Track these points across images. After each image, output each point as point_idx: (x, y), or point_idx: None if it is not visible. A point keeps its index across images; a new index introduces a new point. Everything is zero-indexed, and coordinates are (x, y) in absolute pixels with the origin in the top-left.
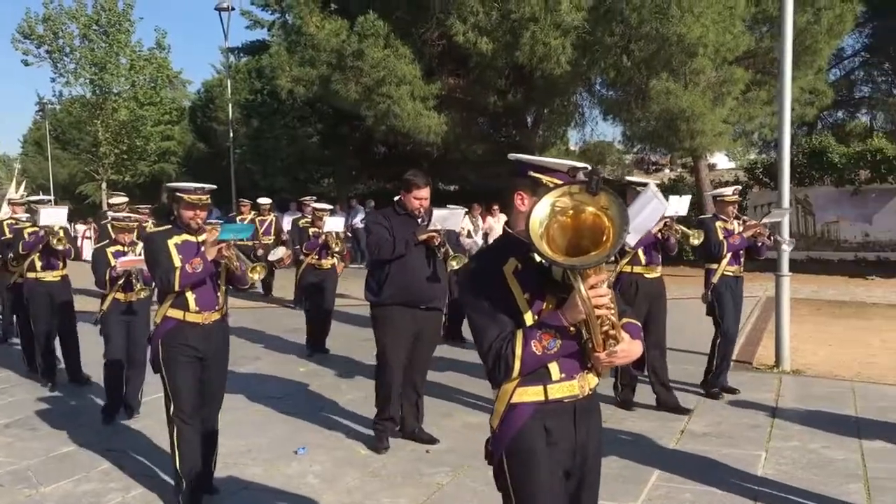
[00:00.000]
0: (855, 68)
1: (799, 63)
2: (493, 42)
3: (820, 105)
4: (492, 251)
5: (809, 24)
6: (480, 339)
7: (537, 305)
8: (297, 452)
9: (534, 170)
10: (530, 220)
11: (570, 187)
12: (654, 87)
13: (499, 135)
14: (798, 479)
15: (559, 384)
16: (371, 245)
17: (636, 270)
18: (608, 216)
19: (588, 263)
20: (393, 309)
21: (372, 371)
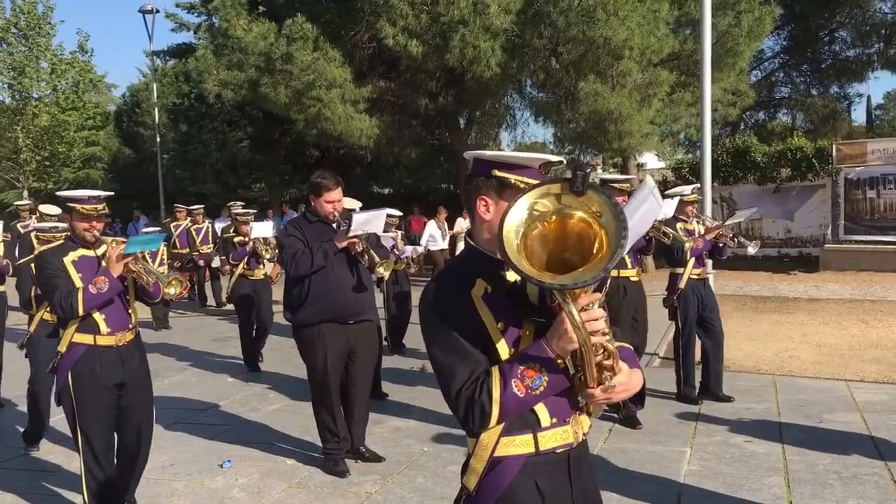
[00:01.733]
0: (775, 70)
1: (721, 65)
2: (423, 45)
3: (742, 105)
4: (454, 271)
5: (731, 27)
6: (447, 382)
7: (513, 334)
8: (222, 466)
9: (499, 168)
10: (503, 229)
11: (549, 186)
12: (583, 88)
13: (431, 137)
14: (721, 474)
15: (551, 431)
16: (286, 260)
17: (623, 274)
18: (599, 223)
19: (582, 282)
20: (321, 328)
21: (302, 382)
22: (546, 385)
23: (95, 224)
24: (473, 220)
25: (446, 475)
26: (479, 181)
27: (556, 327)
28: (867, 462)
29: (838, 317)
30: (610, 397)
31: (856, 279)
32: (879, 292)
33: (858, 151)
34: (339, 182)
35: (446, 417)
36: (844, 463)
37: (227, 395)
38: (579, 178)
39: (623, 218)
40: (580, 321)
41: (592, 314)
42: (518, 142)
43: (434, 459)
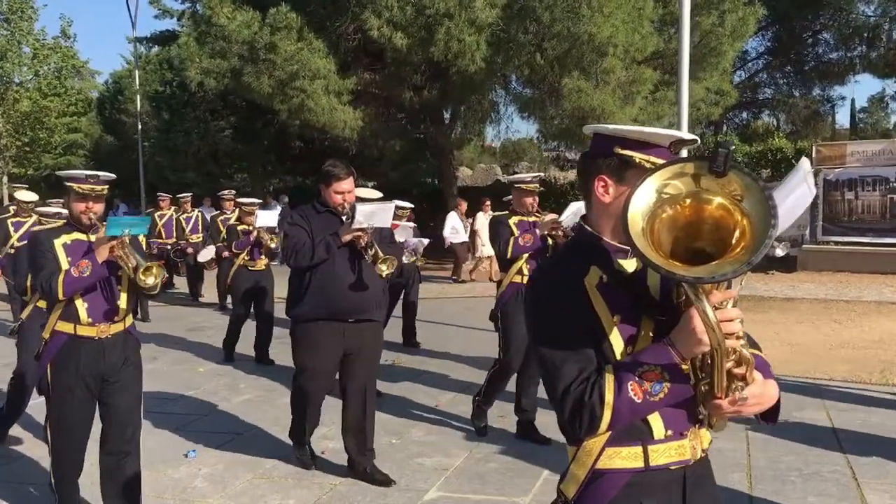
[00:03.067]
0: (758, 70)
1: (705, 64)
2: (408, 37)
3: (725, 105)
4: (566, 257)
5: (714, 27)
6: (553, 379)
7: (628, 330)
8: (186, 456)
9: (622, 145)
10: (628, 213)
11: (682, 165)
12: (567, 85)
13: (416, 131)
14: None
15: (664, 445)
16: (288, 250)
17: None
18: (741, 209)
19: (721, 276)
20: (316, 325)
21: (275, 371)
22: (667, 392)
23: (92, 205)
24: (589, 201)
25: (412, 467)
26: (598, 160)
27: (684, 327)
28: (830, 460)
29: (812, 316)
30: (739, 410)
31: (832, 279)
32: (854, 293)
33: (838, 153)
34: (351, 171)
35: (413, 410)
36: (807, 460)
37: (196, 385)
38: (721, 157)
39: (773, 204)
40: (714, 321)
41: (727, 314)
42: (502, 137)
43: (401, 451)
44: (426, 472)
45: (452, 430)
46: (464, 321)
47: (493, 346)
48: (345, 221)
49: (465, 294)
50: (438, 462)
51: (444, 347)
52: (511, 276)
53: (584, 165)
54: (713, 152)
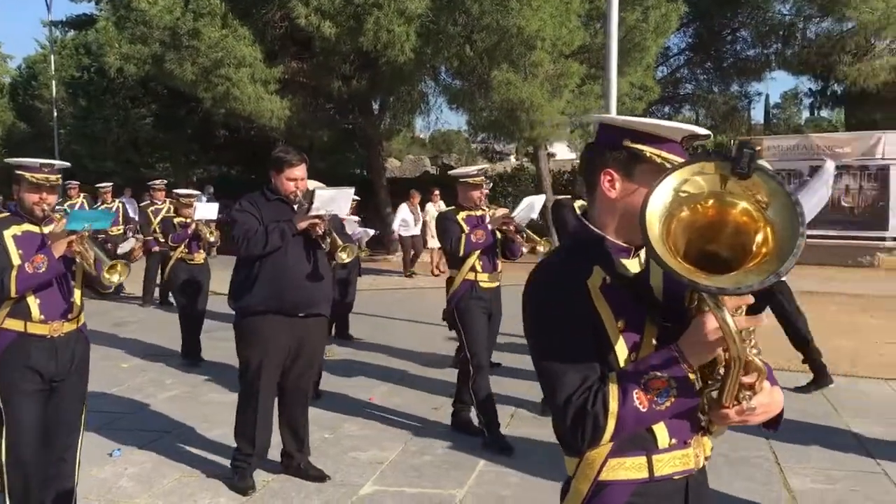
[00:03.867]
0: (680, 66)
1: (629, 59)
2: (336, 26)
3: (649, 100)
4: (567, 257)
5: (638, 22)
6: (554, 388)
7: (632, 336)
8: (111, 455)
9: (632, 138)
10: (646, 215)
11: (703, 164)
12: (496, 77)
13: (344, 121)
14: None
15: (669, 454)
16: (237, 238)
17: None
18: (765, 216)
19: (747, 287)
20: (265, 319)
21: (203, 367)
22: (673, 401)
23: (46, 196)
24: (593, 195)
25: (347, 461)
26: (606, 153)
27: (694, 334)
28: (756, 446)
29: None
30: (747, 420)
31: None
32: None
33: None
34: (304, 158)
35: (346, 404)
36: (734, 446)
37: (120, 382)
38: (745, 158)
39: (801, 211)
40: (735, 330)
41: (741, 322)
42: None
43: (335, 446)
44: (361, 467)
45: (387, 424)
46: (397, 313)
47: (428, 337)
48: (297, 209)
49: (397, 286)
50: (373, 456)
51: (376, 340)
52: (464, 274)
53: (590, 157)
54: (737, 152)
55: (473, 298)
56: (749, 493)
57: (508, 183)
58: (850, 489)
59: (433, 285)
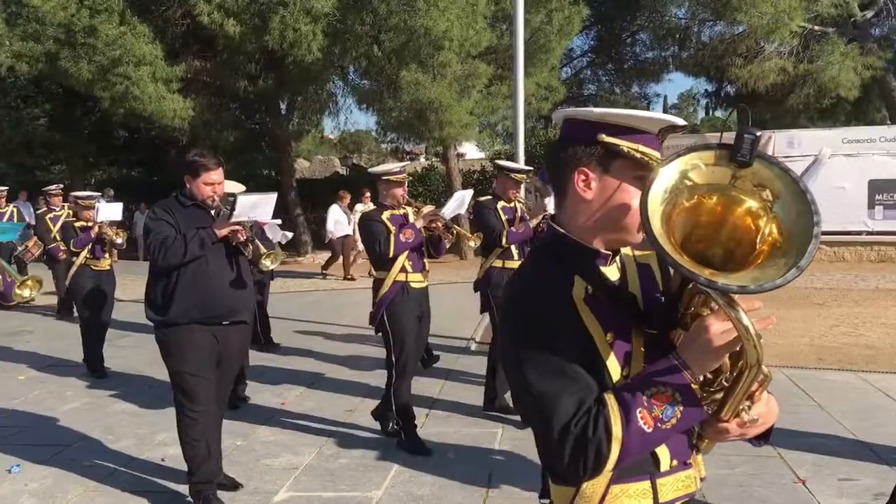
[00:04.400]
0: (583, 68)
1: (535, 60)
2: (240, 24)
3: (554, 100)
4: (545, 266)
5: (543, 24)
6: (548, 415)
7: (622, 348)
8: (10, 471)
9: (607, 131)
10: (649, 207)
11: (700, 154)
12: (404, 77)
13: (251, 121)
14: (531, 452)
15: (672, 476)
16: (154, 248)
17: (508, 265)
18: (771, 213)
19: (770, 285)
20: (190, 330)
21: (108, 381)
22: (679, 417)
23: None
24: (563, 197)
25: (260, 468)
26: (578, 149)
27: (698, 339)
28: None
29: None
30: (745, 433)
31: None
32: None
33: None
34: (221, 162)
35: (258, 410)
36: None
37: (18, 395)
38: (746, 145)
39: (812, 199)
40: (755, 333)
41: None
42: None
43: (247, 453)
44: (275, 473)
45: (301, 429)
46: (308, 315)
47: (341, 339)
48: (217, 216)
49: (309, 288)
50: (287, 461)
51: (287, 343)
52: (394, 275)
53: (558, 156)
54: (738, 139)
55: (405, 301)
56: None
57: (419, 183)
58: (750, 474)
59: (346, 287)
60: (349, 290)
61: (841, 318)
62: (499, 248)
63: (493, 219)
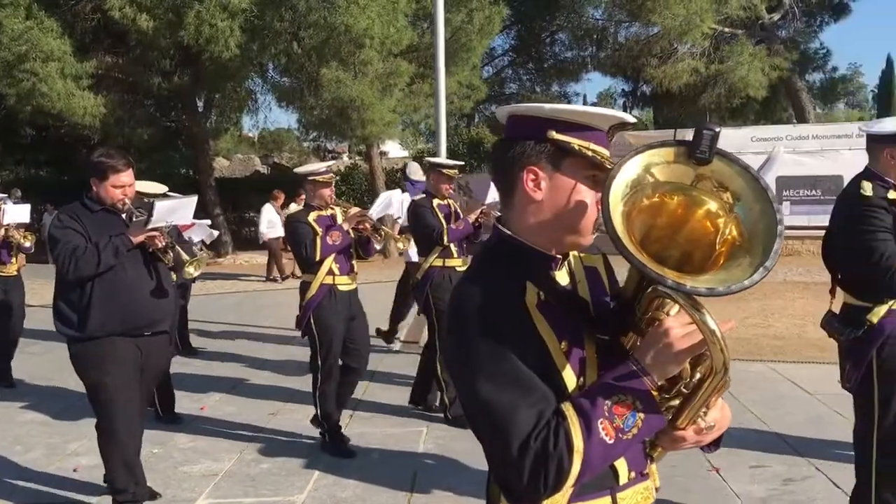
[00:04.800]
0: (505, 67)
1: (456, 59)
2: (154, 19)
3: (476, 99)
4: (495, 271)
5: (464, 23)
6: (506, 430)
7: (576, 356)
8: None
9: (558, 128)
10: (609, 201)
11: (658, 151)
12: (325, 75)
13: (166, 119)
14: (455, 451)
15: (632, 489)
16: (64, 259)
17: (448, 264)
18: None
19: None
20: (111, 342)
21: (17, 385)
22: (640, 426)
23: None
24: (511, 197)
25: (178, 476)
26: (527, 146)
27: (658, 344)
28: None
29: None
30: (701, 440)
31: None
32: None
33: None
34: (130, 162)
35: (176, 419)
36: None
37: None
38: (706, 141)
39: (773, 197)
40: (721, 336)
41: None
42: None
43: (164, 461)
44: (194, 480)
45: (220, 434)
46: (230, 318)
47: (262, 341)
48: (132, 221)
49: (230, 290)
50: (207, 468)
51: (206, 346)
52: (321, 278)
53: (505, 154)
54: (696, 135)
55: (332, 304)
56: None
57: (343, 182)
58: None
59: (268, 288)
60: (271, 291)
61: (752, 311)
62: (439, 247)
63: (430, 217)
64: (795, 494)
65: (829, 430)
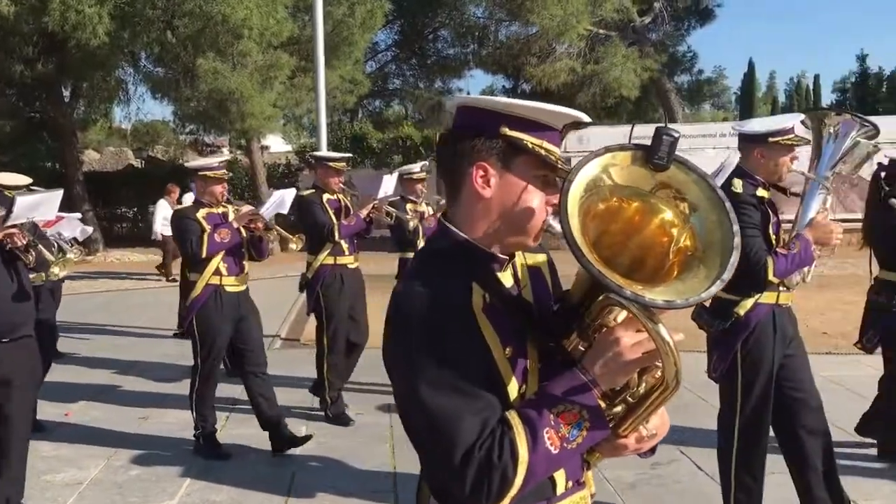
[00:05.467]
0: (388, 62)
1: (338, 53)
2: (15, 4)
3: (359, 94)
4: (440, 271)
5: (346, 17)
6: (450, 438)
7: (520, 366)
8: None
9: (511, 125)
10: (567, 204)
11: (614, 155)
12: (202, 66)
13: (30, 109)
14: (334, 448)
15: (568, 499)
16: None
17: (340, 261)
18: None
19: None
20: None
21: None
22: (585, 436)
23: None
24: (458, 194)
25: (40, 485)
26: (477, 141)
27: (607, 353)
28: None
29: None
30: (641, 447)
31: None
32: None
33: None
34: None
35: (38, 426)
36: None
37: None
38: (665, 146)
39: (730, 207)
40: (674, 347)
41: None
42: (133, 119)
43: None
44: (56, 489)
45: (86, 441)
46: (98, 318)
47: (131, 343)
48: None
49: (99, 289)
50: (71, 476)
51: (69, 349)
52: (207, 278)
53: (454, 148)
54: (655, 140)
55: (217, 305)
56: None
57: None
58: None
59: (137, 287)
60: (141, 290)
61: None
62: (329, 244)
63: (320, 213)
64: (662, 478)
65: (696, 416)
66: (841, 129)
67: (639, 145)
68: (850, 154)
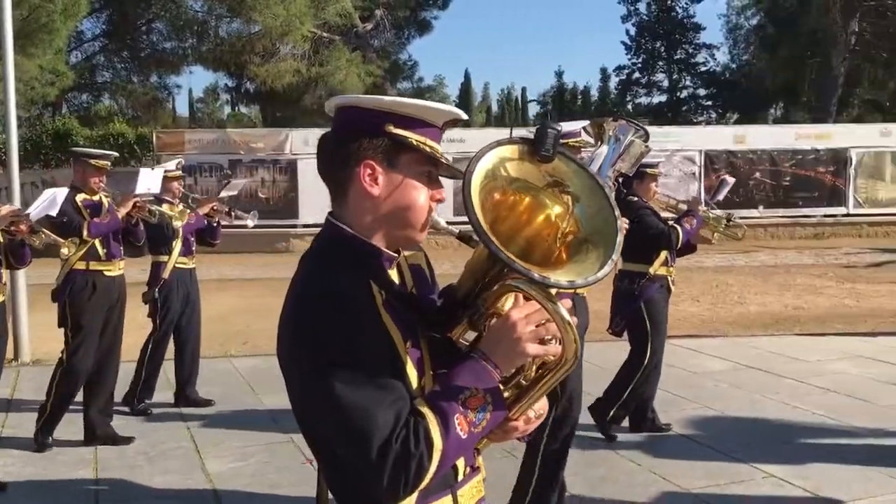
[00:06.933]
0: (96, 53)
1: (36, 41)
2: None
3: (62, 86)
4: (337, 269)
5: (44, 2)
6: (364, 433)
7: (415, 357)
8: None
9: (395, 122)
10: (471, 190)
11: (506, 148)
12: None
13: None
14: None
15: (468, 485)
16: None
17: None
18: (573, 217)
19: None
20: None
21: None
22: (488, 419)
23: None
24: (345, 193)
25: None
26: (363, 141)
27: (502, 338)
28: (175, 438)
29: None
30: (528, 429)
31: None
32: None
33: (177, 140)
34: None
35: None
36: (153, 441)
37: None
38: (549, 139)
39: (609, 193)
40: (574, 326)
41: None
42: None
43: None
44: None
45: None
46: None
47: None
48: None
49: None
50: None
51: None
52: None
53: (339, 148)
54: (539, 133)
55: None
56: (169, 484)
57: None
58: (264, 462)
59: None
60: None
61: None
62: (82, 247)
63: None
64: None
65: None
66: (619, 132)
67: (524, 139)
68: (626, 153)
